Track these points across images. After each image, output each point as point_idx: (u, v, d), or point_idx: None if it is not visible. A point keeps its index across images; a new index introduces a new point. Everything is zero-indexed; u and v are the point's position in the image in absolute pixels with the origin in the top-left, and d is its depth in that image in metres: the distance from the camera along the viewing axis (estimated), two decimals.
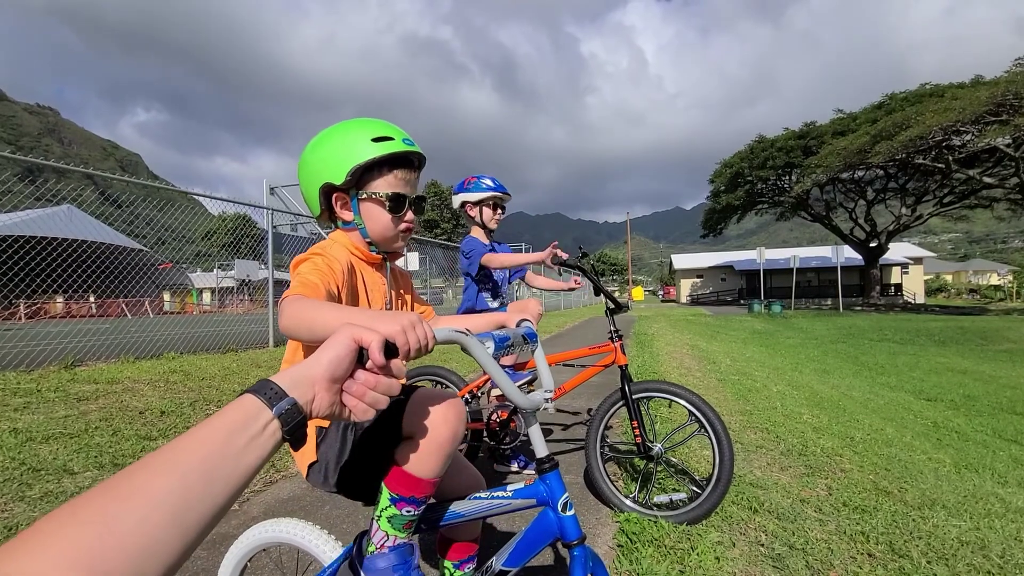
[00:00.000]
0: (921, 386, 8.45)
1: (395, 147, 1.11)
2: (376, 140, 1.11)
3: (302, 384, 0.58)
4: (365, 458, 1.06)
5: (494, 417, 2.71)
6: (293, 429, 0.55)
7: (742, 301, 41.50)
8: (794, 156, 34.22)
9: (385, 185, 1.14)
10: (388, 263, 1.26)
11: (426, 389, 1.09)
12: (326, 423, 1.09)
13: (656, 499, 2.28)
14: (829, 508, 2.40)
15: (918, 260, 46.91)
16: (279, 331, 7.68)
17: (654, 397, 2.31)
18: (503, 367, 2.52)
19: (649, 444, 2.29)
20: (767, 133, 37.04)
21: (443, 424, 0.98)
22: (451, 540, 1.19)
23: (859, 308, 30.72)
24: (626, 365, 2.37)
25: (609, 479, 2.32)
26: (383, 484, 1.00)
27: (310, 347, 1.09)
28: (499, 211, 2.72)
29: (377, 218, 1.17)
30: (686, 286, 53.42)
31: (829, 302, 36.36)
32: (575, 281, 2.81)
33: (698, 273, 53.46)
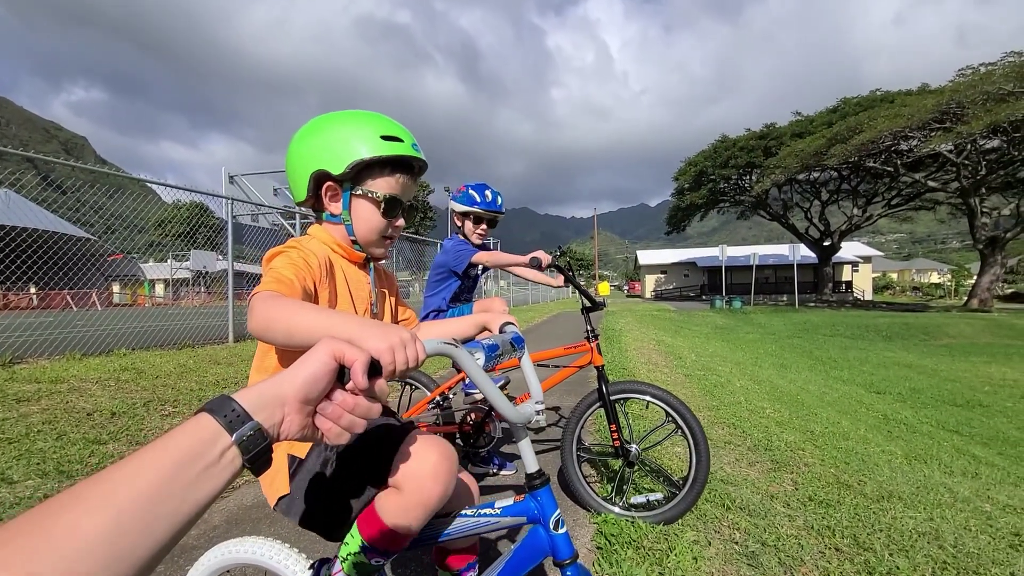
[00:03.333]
0: (871, 379, 8.88)
1: (403, 150, 1.06)
2: (385, 138, 1.04)
3: (270, 404, 0.51)
4: (342, 495, 0.99)
5: (467, 420, 2.66)
6: (256, 456, 0.49)
7: (704, 297, 42.68)
8: (755, 156, 35.35)
9: (384, 186, 1.08)
10: (372, 263, 1.19)
11: (420, 433, 1.01)
12: (302, 452, 1.01)
13: (633, 499, 2.29)
14: (796, 503, 2.46)
15: (867, 259, 49.32)
16: (240, 326, 7.40)
17: (631, 398, 2.31)
18: None
19: (627, 446, 2.29)
20: (730, 133, 38.13)
21: (433, 481, 0.91)
22: (447, 551, 1.13)
23: (813, 304, 32.05)
24: (603, 366, 2.36)
25: (585, 481, 2.32)
26: (355, 525, 0.93)
27: (284, 350, 1.01)
28: (482, 226, 2.65)
29: (367, 218, 1.10)
30: (651, 282, 54.52)
31: (785, 298, 37.80)
32: (562, 279, 2.77)
33: (662, 269, 54.65)
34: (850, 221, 35.30)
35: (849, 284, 45.33)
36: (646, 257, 57.91)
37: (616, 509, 2.22)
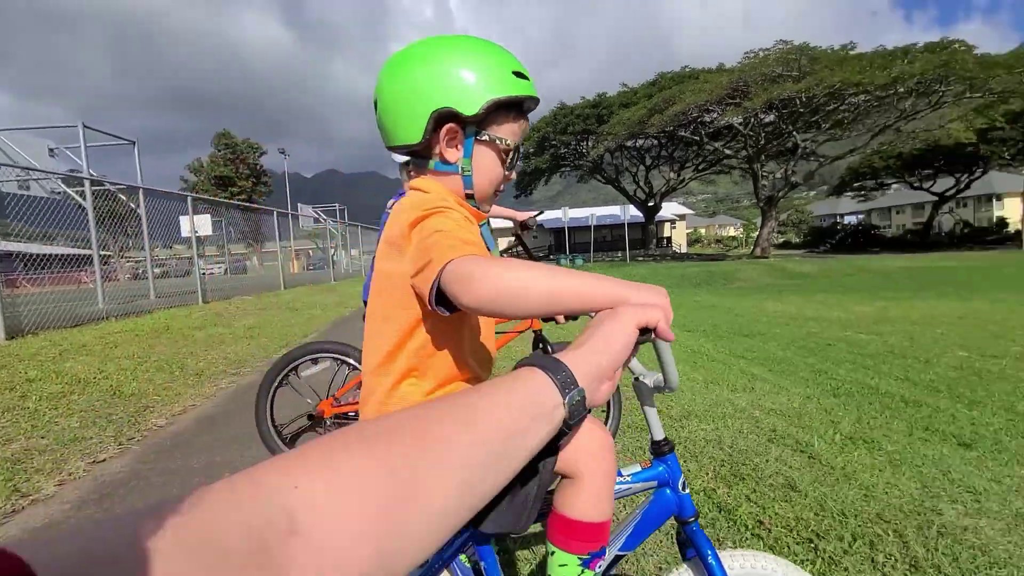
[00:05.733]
0: (684, 320, 10.40)
1: (533, 90, 0.93)
2: (517, 75, 0.90)
3: (593, 376, 0.52)
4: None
5: None
6: (576, 422, 0.50)
7: (551, 256, 45.55)
8: (590, 123, 37.98)
9: (511, 132, 0.94)
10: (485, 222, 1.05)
11: None
12: None
13: None
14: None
15: (682, 217, 56.96)
16: (10, 319, 5.99)
17: None
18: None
19: None
20: (568, 101, 40.30)
21: (610, 452, 0.87)
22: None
23: (641, 258, 36.20)
24: (541, 329, 2.45)
25: None
26: (556, 549, 0.85)
27: (413, 331, 0.88)
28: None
29: (489, 168, 0.95)
30: (503, 243, 56.24)
31: (619, 254, 42.11)
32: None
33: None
34: (668, 184, 40.21)
35: (669, 239, 52.00)
36: (497, 220, 59.47)
37: None
